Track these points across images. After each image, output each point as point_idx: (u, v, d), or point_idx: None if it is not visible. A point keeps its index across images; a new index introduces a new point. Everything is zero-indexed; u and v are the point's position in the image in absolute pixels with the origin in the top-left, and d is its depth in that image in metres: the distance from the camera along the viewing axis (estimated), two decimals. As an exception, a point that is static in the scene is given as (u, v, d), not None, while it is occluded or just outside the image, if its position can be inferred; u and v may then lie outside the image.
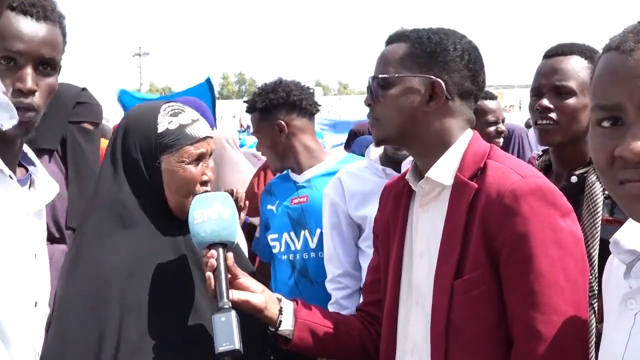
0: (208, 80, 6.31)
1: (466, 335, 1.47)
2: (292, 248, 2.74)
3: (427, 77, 1.55)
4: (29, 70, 1.39)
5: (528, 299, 1.41)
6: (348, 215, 2.51)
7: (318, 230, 2.68)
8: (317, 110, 2.85)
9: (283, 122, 2.73)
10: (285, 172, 2.89)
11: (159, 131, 1.63)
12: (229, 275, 1.56)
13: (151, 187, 1.63)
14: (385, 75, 1.58)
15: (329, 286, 2.57)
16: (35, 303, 1.49)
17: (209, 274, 1.52)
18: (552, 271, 1.41)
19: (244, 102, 2.96)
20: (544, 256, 1.41)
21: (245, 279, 1.63)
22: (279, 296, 1.71)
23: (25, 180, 1.52)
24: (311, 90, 2.86)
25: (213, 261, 1.52)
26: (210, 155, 1.69)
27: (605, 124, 1.02)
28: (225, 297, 1.49)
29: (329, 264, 2.57)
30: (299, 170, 2.79)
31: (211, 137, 1.70)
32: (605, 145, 1.01)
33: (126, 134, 1.66)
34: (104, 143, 4.98)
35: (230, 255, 1.57)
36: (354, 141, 4.61)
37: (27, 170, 1.56)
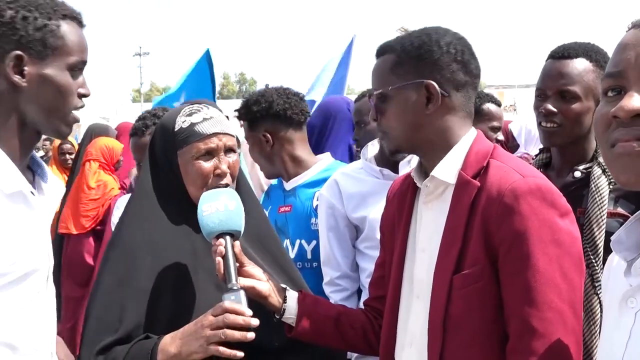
0: (207, 54, 5.75)
1: (463, 330, 1.49)
2: None
3: (420, 82, 1.57)
4: (83, 77, 1.55)
5: (524, 295, 1.43)
6: (346, 217, 2.50)
7: (298, 242, 2.70)
8: (305, 118, 2.81)
9: (268, 134, 2.72)
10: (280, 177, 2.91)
11: (175, 130, 1.80)
12: (237, 264, 1.66)
13: (175, 178, 1.81)
14: (381, 91, 1.62)
15: (327, 289, 2.55)
16: (48, 309, 1.58)
17: (219, 259, 1.62)
18: (549, 269, 1.43)
19: (234, 111, 2.95)
20: (542, 254, 1.43)
21: (251, 267, 1.72)
22: (284, 286, 1.77)
23: (33, 186, 1.57)
24: (300, 98, 2.81)
25: (222, 248, 1.62)
26: (228, 150, 1.80)
27: (611, 93, 1.06)
28: (233, 279, 1.61)
29: (327, 266, 2.56)
30: (287, 178, 2.80)
31: (227, 134, 1.80)
32: (605, 111, 1.05)
33: (156, 134, 1.88)
34: (104, 141, 5.02)
35: (237, 243, 1.67)
36: None
37: (32, 171, 1.61)
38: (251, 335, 1.57)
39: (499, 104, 3.43)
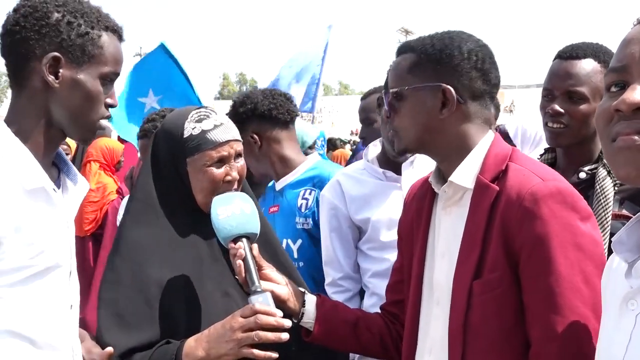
0: (162, 46, 5.59)
1: (483, 336, 1.47)
2: None
3: (437, 85, 1.55)
4: (113, 89, 1.60)
5: (547, 300, 1.41)
6: (349, 218, 2.49)
7: (285, 241, 2.70)
8: (292, 117, 2.81)
9: (255, 135, 2.73)
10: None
11: (184, 136, 1.77)
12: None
13: (181, 184, 1.79)
14: (396, 89, 1.60)
15: (329, 290, 2.55)
16: (71, 306, 1.61)
17: (240, 262, 1.61)
18: (571, 273, 1.41)
19: (226, 114, 2.98)
20: (564, 258, 1.41)
21: (269, 270, 1.71)
22: (303, 290, 1.77)
23: (57, 183, 1.62)
24: (286, 97, 2.82)
25: (242, 251, 1.62)
26: (237, 155, 1.80)
27: (614, 88, 1.05)
28: (256, 282, 1.60)
29: (329, 267, 2.56)
30: (277, 178, 2.81)
31: (236, 140, 1.80)
32: (607, 105, 1.04)
33: (159, 138, 1.85)
34: (104, 141, 5.00)
35: (255, 246, 1.67)
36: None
37: (58, 168, 1.66)
38: (285, 336, 1.55)
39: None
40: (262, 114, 2.71)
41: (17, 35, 1.49)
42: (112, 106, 1.60)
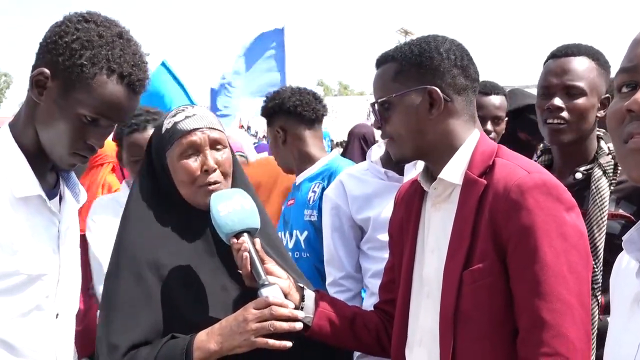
0: (163, 64, 5.61)
1: (474, 325, 1.51)
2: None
3: (422, 88, 1.61)
4: (105, 132, 1.55)
5: (533, 288, 1.45)
6: (350, 217, 2.52)
7: (295, 232, 2.80)
8: (317, 115, 2.93)
9: (281, 129, 2.89)
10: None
11: (162, 132, 1.78)
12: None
13: (170, 180, 1.78)
14: (384, 98, 1.65)
15: (330, 289, 2.56)
16: (57, 315, 1.59)
17: (246, 254, 1.63)
18: (557, 262, 1.45)
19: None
20: (549, 247, 1.45)
21: (271, 264, 1.73)
22: (302, 285, 1.79)
23: (55, 191, 1.62)
24: (314, 97, 2.95)
25: (246, 245, 1.64)
26: (214, 143, 1.75)
27: (625, 89, 1.05)
28: (263, 275, 1.63)
29: (330, 266, 2.58)
30: (297, 173, 2.94)
31: (212, 128, 1.75)
32: (619, 106, 1.04)
33: (151, 138, 1.86)
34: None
35: (257, 240, 1.69)
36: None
37: (57, 175, 1.65)
38: (299, 325, 1.59)
39: (489, 93, 3.18)
40: (288, 110, 2.87)
41: (41, 42, 1.51)
42: (91, 147, 1.54)
